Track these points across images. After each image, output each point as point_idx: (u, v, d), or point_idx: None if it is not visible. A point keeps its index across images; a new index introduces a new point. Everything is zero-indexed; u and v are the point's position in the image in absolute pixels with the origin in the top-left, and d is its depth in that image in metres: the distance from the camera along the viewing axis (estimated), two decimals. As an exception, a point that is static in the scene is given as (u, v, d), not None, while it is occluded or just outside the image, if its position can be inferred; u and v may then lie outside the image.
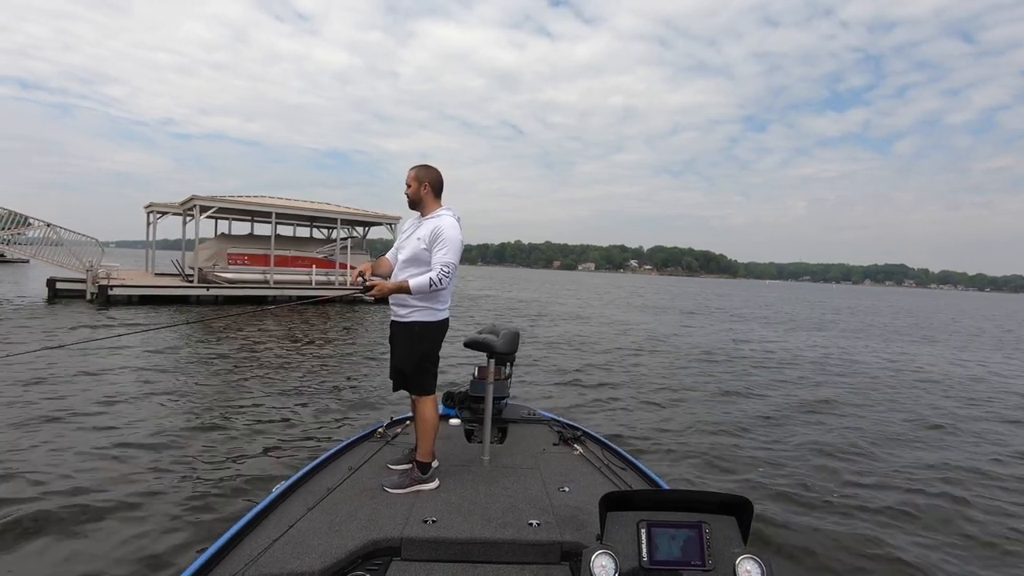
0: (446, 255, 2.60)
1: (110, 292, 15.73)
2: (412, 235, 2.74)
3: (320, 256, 20.88)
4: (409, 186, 2.77)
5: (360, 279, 2.69)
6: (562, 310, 23.73)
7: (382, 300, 2.67)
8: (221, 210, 19.84)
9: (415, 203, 2.79)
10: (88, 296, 16.34)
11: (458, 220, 2.74)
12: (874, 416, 7.24)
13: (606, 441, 3.43)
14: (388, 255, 2.96)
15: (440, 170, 2.84)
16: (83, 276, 16.59)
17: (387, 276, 2.83)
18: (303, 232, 24.45)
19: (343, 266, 20.44)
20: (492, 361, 3.08)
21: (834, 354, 13.54)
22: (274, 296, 18.51)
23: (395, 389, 2.85)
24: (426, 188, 2.75)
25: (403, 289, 2.57)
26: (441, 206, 2.79)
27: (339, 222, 21.52)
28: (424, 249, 2.64)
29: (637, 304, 30.97)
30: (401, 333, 2.72)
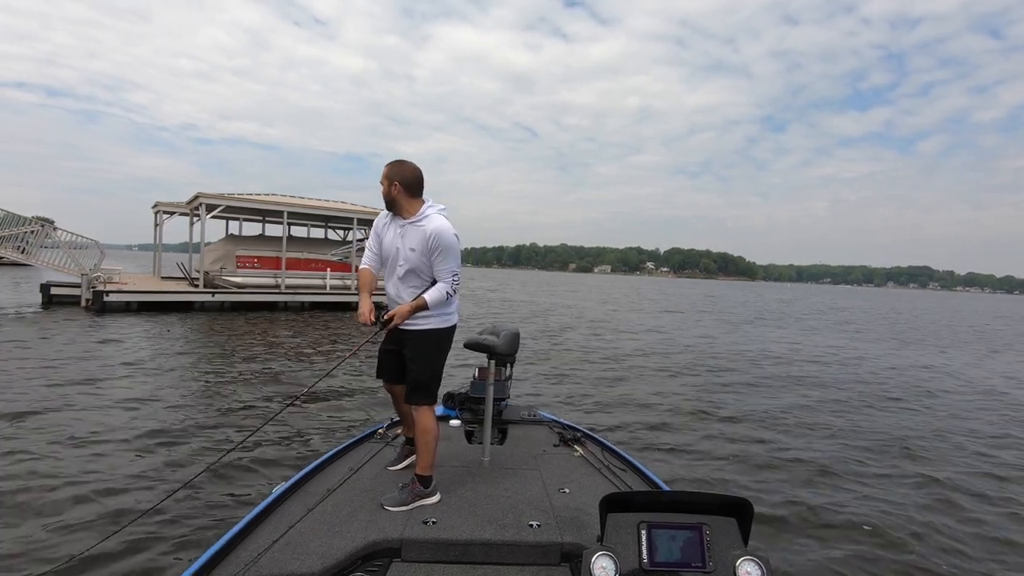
0: (451, 263, 2.54)
1: (106, 298, 14.79)
2: (399, 243, 2.57)
3: (335, 259, 20.10)
4: (381, 184, 2.56)
5: (375, 318, 2.50)
6: (565, 311, 23.74)
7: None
8: (229, 209, 18.91)
9: (390, 204, 2.58)
10: (83, 303, 15.40)
11: (446, 215, 2.60)
12: (875, 416, 7.23)
13: (606, 442, 3.42)
14: (368, 263, 2.72)
15: (417, 165, 2.59)
16: (79, 281, 15.57)
17: (373, 287, 2.70)
18: (317, 233, 23.70)
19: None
20: (492, 362, 3.07)
21: (834, 355, 13.45)
22: (285, 302, 17.77)
23: (410, 401, 2.63)
24: (397, 188, 2.52)
25: (421, 308, 2.50)
26: (424, 203, 2.58)
27: (355, 222, 20.33)
28: (421, 260, 2.53)
29: (638, 308, 30.80)
30: (417, 342, 2.60)
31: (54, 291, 16.17)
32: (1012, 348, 17.79)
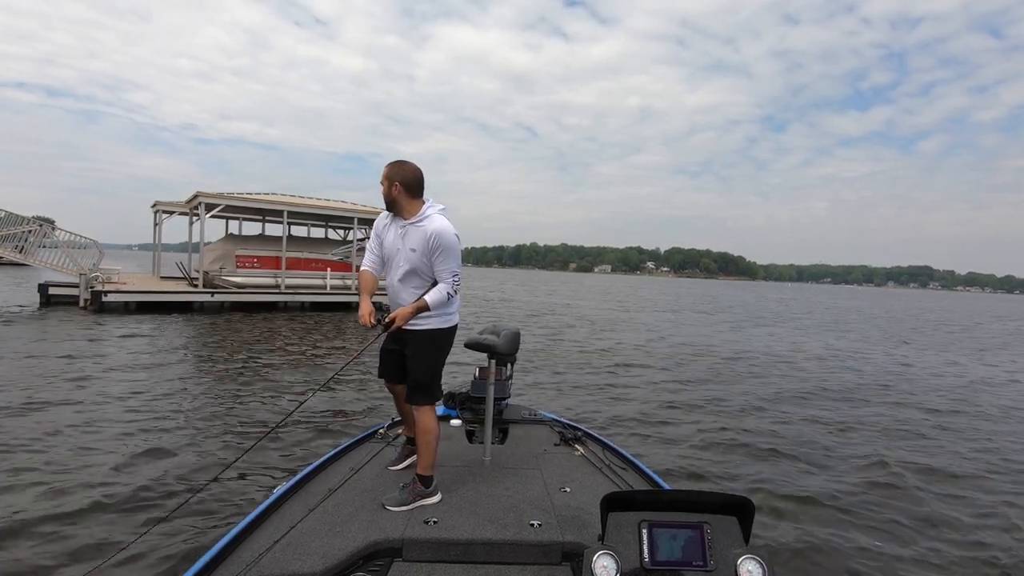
0: (452, 264, 2.53)
1: (104, 299, 14.65)
2: (400, 244, 2.58)
3: (336, 259, 19.94)
4: (382, 185, 2.58)
5: (376, 318, 2.54)
6: (564, 311, 23.74)
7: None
8: (229, 208, 18.66)
9: (390, 204, 2.59)
10: (81, 303, 15.23)
11: (446, 215, 2.60)
12: (874, 415, 7.23)
13: (607, 441, 3.42)
14: (369, 265, 2.74)
15: (417, 165, 2.59)
16: (77, 281, 15.36)
17: (373, 289, 2.72)
18: (318, 233, 23.54)
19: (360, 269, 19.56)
20: (493, 362, 3.07)
21: (834, 354, 13.49)
22: (285, 302, 17.61)
23: (411, 400, 2.65)
24: (397, 188, 2.53)
25: (422, 309, 2.51)
26: (424, 203, 2.59)
27: (356, 221, 20.13)
28: (422, 260, 2.54)
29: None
30: (418, 342, 2.60)
31: (52, 291, 15.99)
32: (1006, 348, 17.83)
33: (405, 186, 2.54)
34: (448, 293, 2.54)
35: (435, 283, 2.57)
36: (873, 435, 6.25)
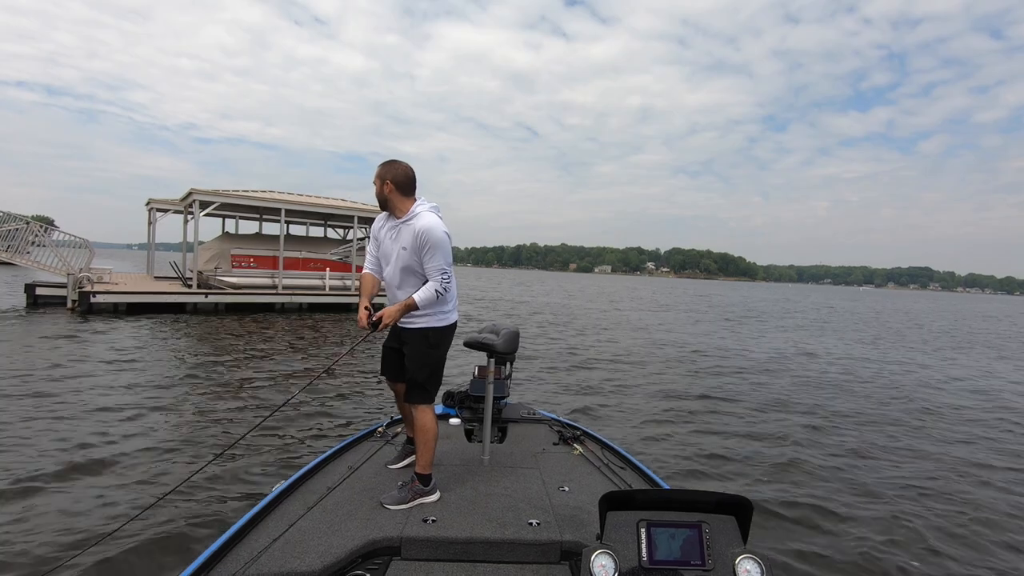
0: (440, 261, 2.53)
1: (92, 300, 14.16)
2: (393, 243, 2.61)
3: (335, 258, 19.55)
4: (375, 184, 2.61)
5: (369, 318, 2.56)
6: (563, 311, 23.76)
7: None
8: (224, 206, 18.13)
9: (383, 203, 2.63)
10: (69, 304, 14.66)
11: (438, 213, 2.61)
12: (870, 414, 7.24)
13: (606, 440, 3.42)
14: (369, 268, 2.79)
15: (409, 165, 2.63)
16: (65, 281, 14.90)
17: (373, 292, 2.74)
18: (316, 232, 23.21)
19: (360, 269, 18.90)
20: (492, 361, 3.07)
21: (831, 355, 13.47)
22: (282, 303, 17.21)
23: (408, 399, 2.67)
24: (389, 187, 2.57)
25: (410, 307, 2.53)
26: (415, 201, 2.62)
27: (356, 220, 19.55)
28: (413, 258, 2.55)
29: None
30: (414, 341, 2.62)
31: (39, 292, 15.54)
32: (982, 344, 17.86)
33: (396, 185, 2.57)
34: (437, 291, 2.53)
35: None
36: (874, 433, 6.24)
